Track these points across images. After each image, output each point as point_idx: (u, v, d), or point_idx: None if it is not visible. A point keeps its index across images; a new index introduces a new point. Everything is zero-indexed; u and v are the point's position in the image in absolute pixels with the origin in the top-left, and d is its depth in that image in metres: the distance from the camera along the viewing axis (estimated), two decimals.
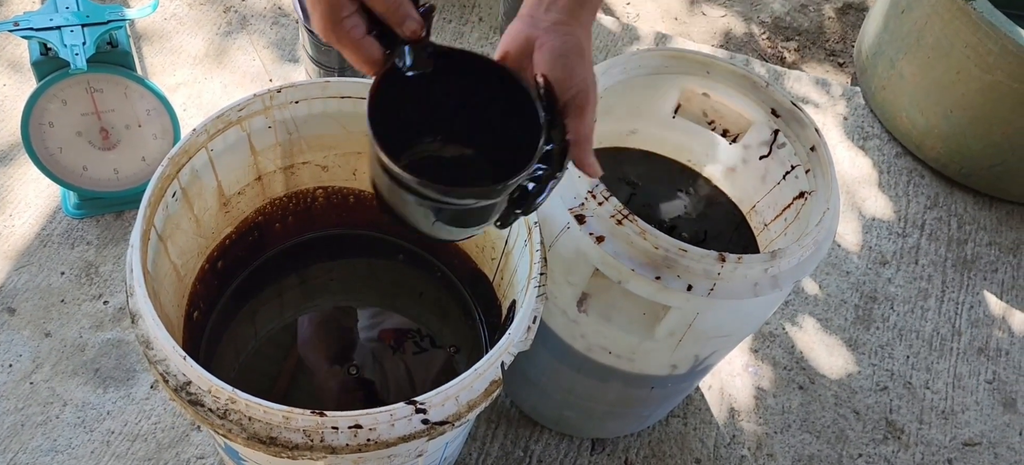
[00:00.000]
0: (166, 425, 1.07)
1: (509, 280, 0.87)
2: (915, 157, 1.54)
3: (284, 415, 0.63)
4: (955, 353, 1.30)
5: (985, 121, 1.41)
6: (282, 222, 0.95)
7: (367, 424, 0.64)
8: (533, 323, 0.73)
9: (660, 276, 0.73)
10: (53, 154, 1.13)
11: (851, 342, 1.29)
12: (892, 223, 1.44)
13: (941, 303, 1.35)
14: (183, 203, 0.79)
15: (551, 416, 1.10)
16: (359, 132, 0.89)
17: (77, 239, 1.21)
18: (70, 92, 1.08)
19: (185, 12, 1.50)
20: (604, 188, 0.76)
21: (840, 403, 1.23)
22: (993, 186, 1.48)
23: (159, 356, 0.67)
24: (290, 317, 0.96)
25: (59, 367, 1.09)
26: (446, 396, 0.67)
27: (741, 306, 0.77)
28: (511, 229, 0.84)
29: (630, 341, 0.83)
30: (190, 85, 1.40)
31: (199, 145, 0.78)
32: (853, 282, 1.36)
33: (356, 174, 0.94)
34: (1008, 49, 1.30)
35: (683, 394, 1.08)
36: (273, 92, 0.80)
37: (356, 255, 1.01)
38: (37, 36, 1.02)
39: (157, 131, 1.15)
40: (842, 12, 1.86)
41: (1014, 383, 1.28)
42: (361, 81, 0.83)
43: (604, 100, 0.87)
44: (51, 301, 1.15)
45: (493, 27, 1.58)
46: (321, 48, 1.17)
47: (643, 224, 0.73)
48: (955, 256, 1.41)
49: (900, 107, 1.52)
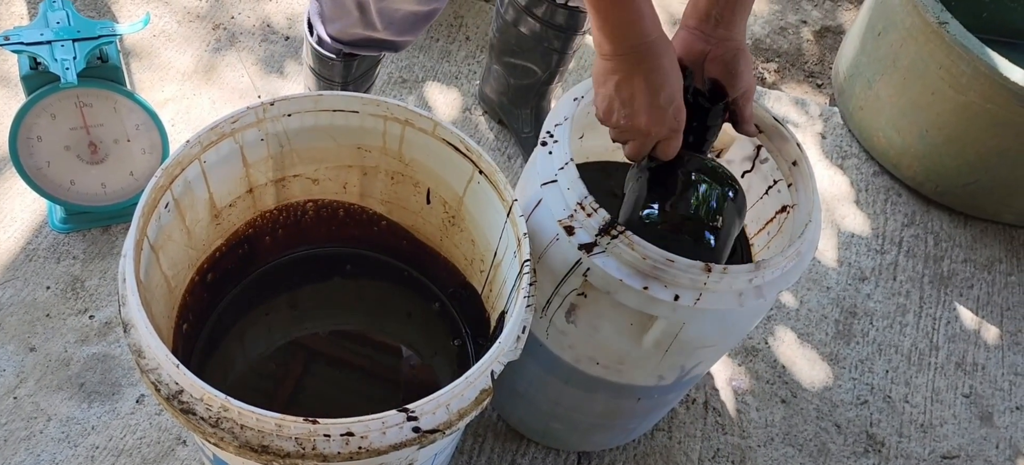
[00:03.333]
0: (151, 440, 1.06)
1: (498, 292, 0.88)
2: (892, 176, 1.57)
3: (277, 423, 0.63)
4: (933, 367, 1.33)
5: (959, 141, 1.45)
6: (272, 235, 0.96)
7: (359, 432, 0.65)
8: (523, 333, 0.74)
9: (648, 286, 0.75)
10: (41, 168, 1.13)
11: (832, 356, 1.31)
12: (870, 240, 1.47)
13: (919, 318, 1.38)
14: (175, 214, 0.80)
15: (538, 429, 1.11)
16: (350, 145, 0.90)
17: (63, 253, 1.20)
18: (59, 106, 1.08)
19: (174, 28, 1.51)
20: (593, 200, 0.77)
21: (822, 416, 1.24)
22: (968, 204, 1.52)
23: (151, 365, 0.67)
24: (279, 335, 0.97)
25: (43, 382, 1.09)
26: (437, 404, 0.67)
27: (726, 316, 0.79)
28: (499, 241, 0.85)
29: (618, 351, 0.84)
30: (179, 100, 1.41)
31: (192, 156, 0.78)
32: (833, 297, 1.38)
33: (346, 188, 0.95)
34: (980, 71, 1.34)
35: (668, 406, 1.09)
36: (266, 104, 0.81)
37: (344, 272, 1.02)
38: (27, 50, 1.03)
39: (146, 146, 1.15)
40: (820, 35, 1.90)
41: (990, 397, 1.31)
42: (353, 95, 0.85)
43: (591, 114, 0.89)
44: (36, 315, 1.14)
45: (480, 46, 1.60)
46: (324, 62, 1.19)
47: (631, 235, 0.75)
48: (932, 273, 1.44)
49: (877, 127, 1.56)
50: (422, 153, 0.89)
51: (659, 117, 0.75)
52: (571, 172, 0.79)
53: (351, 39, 1.13)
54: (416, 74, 1.54)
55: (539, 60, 1.32)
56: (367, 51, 1.17)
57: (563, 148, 0.81)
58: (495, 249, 0.87)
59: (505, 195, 0.81)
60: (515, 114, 1.42)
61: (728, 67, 0.79)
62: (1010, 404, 1.31)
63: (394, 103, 0.85)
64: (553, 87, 1.39)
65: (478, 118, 1.50)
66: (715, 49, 0.80)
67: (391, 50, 1.17)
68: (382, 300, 1.02)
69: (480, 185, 0.85)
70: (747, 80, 0.80)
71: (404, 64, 1.55)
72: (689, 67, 0.81)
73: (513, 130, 1.45)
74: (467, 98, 1.52)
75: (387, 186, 0.95)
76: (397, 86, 1.51)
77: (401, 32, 1.11)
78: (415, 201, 0.95)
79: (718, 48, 0.80)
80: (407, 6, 1.05)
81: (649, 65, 0.73)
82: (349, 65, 1.19)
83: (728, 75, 0.80)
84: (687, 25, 0.82)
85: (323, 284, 1.01)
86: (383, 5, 1.05)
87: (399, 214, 0.98)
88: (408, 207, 0.97)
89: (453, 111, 1.50)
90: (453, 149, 0.86)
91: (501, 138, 1.47)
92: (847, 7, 1.97)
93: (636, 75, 0.74)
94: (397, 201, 0.96)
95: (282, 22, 1.56)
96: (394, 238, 1.00)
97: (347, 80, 1.21)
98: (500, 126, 1.48)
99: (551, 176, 0.80)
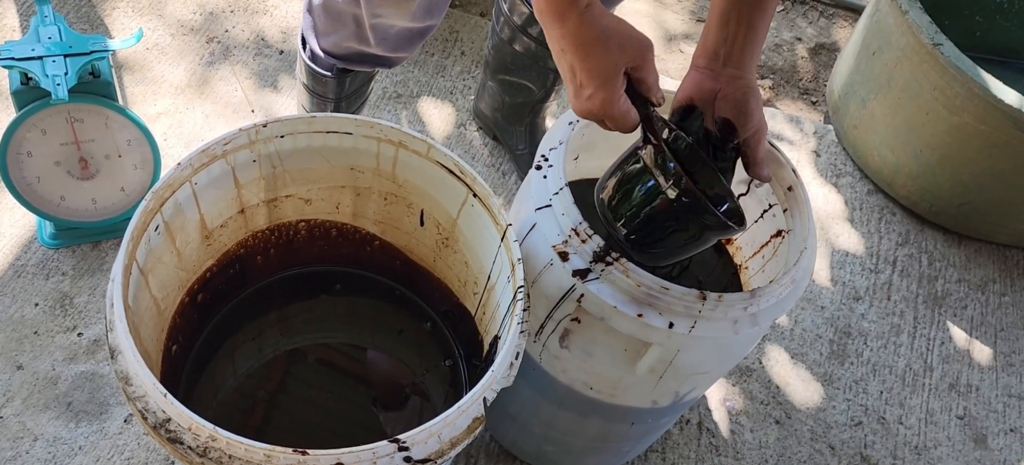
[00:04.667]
0: (139, 461, 1.05)
1: (491, 315, 0.87)
2: (886, 195, 1.57)
3: (265, 454, 0.63)
4: (927, 389, 1.33)
5: (953, 161, 1.45)
6: (264, 255, 0.95)
7: (349, 462, 0.64)
8: (516, 359, 0.74)
9: (642, 313, 0.74)
10: (30, 183, 1.12)
11: (826, 377, 1.31)
12: (865, 259, 1.47)
13: (913, 339, 1.38)
14: (165, 237, 0.79)
15: (531, 451, 1.10)
16: (343, 166, 0.89)
17: (52, 270, 1.19)
18: (50, 122, 1.07)
19: (167, 42, 1.50)
20: (587, 226, 0.77)
21: (816, 438, 1.24)
22: (961, 224, 1.52)
23: (138, 392, 0.66)
24: (269, 354, 0.96)
25: (31, 401, 1.07)
26: (429, 433, 0.67)
27: (721, 343, 0.78)
28: (493, 265, 0.85)
29: (611, 377, 0.84)
30: (171, 115, 1.40)
31: (183, 179, 0.77)
32: (828, 317, 1.38)
33: (339, 208, 0.95)
34: (974, 92, 1.35)
35: (662, 430, 1.09)
36: (259, 126, 0.81)
37: (335, 291, 1.01)
38: (18, 65, 1.02)
39: (137, 161, 1.14)
40: (815, 52, 1.91)
41: (984, 419, 1.31)
42: (347, 117, 0.84)
43: (585, 136, 0.89)
44: (24, 333, 1.13)
45: (475, 61, 1.60)
46: (318, 78, 1.18)
47: (626, 262, 0.74)
48: (926, 293, 1.44)
49: (871, 146, 1.56)
50: (416, 175, 0.88)
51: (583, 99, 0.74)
52: (566, 197, 0.78)
53: (345, 53, 1.13)
54: (410, 89, 1.53)
55: (535, 78, 1.32)
56: (361, 66, 1.16)
57: (557, 172, 0.80)
58: (489, 272, 0.86)
59: (499, 219, 0.80)
60: (510, 131, 1.42)
61: (738, 106, 0.78)
62: (1004, 426, 1.30)
63: (388, 125, 0.84)
64: (548, 105, 1.38)
65: (472, 134, 1.49)
66: (725, 88, 0.78)
67: (385, 66, 1.16)
68: (373, 319, 1.01)
69: (474, 208, 0.85)
70: (758, 119, 0.79)
71: (399, 79, 1.54)
72: (699, 107, 0.80)
73: (508, 147, 1.44)
74: (462, 114, 1.52)
75: (380, 207, 0.94)
76: (391, 101, 1.51)
77: (395, 49, 1.10)
78: (408, 222, 0.95)
79: (728, 86, 0.78)
80: (401, 22, 1.04)
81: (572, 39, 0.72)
82: (342, 81, 1.18)
83: (739, 114, 0.78)
84: (697, 65, 0.80)
85: (314, 302, 1.00)
86: (377, 21, 1.04)
87: (392, 235, 0.97)
88: (401, 228, 0.96)
89: (447, 127, 1.50)
90: (447, 172, 0.85)
91: (495, 154, 1.47)
92: (842, 25, 1.98)
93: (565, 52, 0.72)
94: (390, 222, 0.96)
95: (276, 36, 1.55)
96: (387, 258, 0.99)
97: (341, 97, 1.20)
98: (494, 142, 1.48)
99: (545, 201, 0.79)
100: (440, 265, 0.96)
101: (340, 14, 1.06)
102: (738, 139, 0.79)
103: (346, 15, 1.06)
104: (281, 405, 0.92)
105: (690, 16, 1.92)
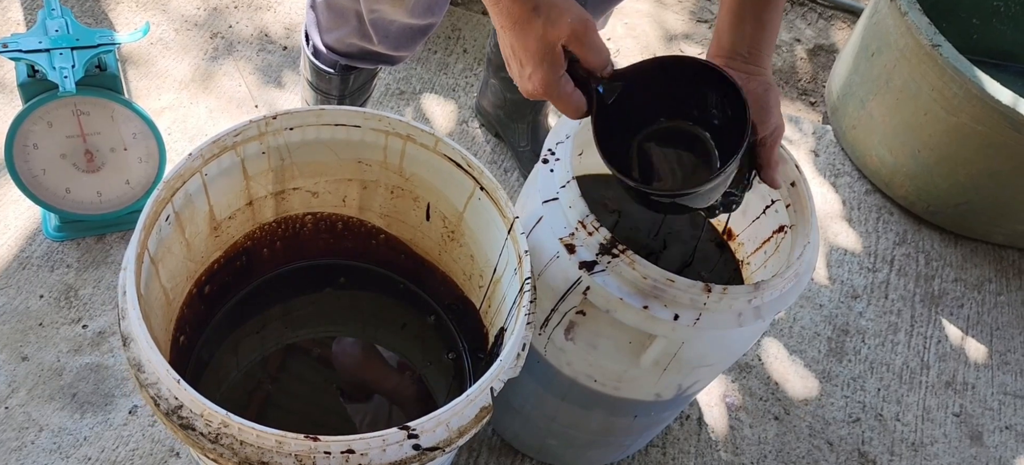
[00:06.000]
0: (144, 452, 1.06)
1: (497, 308, 0.88)
2: (884, 195, 1.59)
3: (277, 439, 0.63)
4: (924, 386, 1.34)
5: (950, 161, 1.46)
6: (270, 247, 0.96)
7: (359, 449, 0.65)
8: (523, 350, 0.74)
9: (648, 305, 0.75)
10: (36, 176, 1.12)
11: (824, 374, 1.32)
12: (862, 258, 1.48)
13: (910, 337, 1.39)
14: (176, 227, 0.79)
15: (533, 445, 1.11)
16: (350, 159, 0.90)
17: (57, 262, 1.19)
18: (56, 114, 1.07)
19: (172, 37, 1.50)
20: (594, 219, 0.78)
21: (814, 434, 1.25)
22: (959, 224, 1.54)
23: (150, 379, 0.67)
24: (272, 346, 0.96)
25: (35, 392, 1.08)
26: (438, 421, 0.67)
27: (725, 336, 0.79)
28: (499, 257, 0.86)
29: (616, 369, 0.85)
30: (175, 109, 1.40)
31: (194, 169, 0.78)
32: (826, 315, 1.39)
33: (345, 201, 0.95)
34: (972, 93, 1.36)
35: (664, 424, 1.10)
36: (269, 118, 0.81)
37: (339, 284, 1.01)
38: (26, 58, 1.02)
39: (142, 154, 1.15)
40: (813, 53, 1.92)
41: (980, 416, 1.32)
42: (355, 110, 0.85)
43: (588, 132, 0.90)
44: (29, 324, 1.13)
45: (478, 58, 1.61)
46: (321, 74, 1.18)
47: (632, 254, 0.75)
48: (923, 291, 1.46)
49: (870, 146, 1.58)
50: (423, 168, 0.89)
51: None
52: (573, 190, 0.79)
53: (348, 50, 1.13)
54: (413, 86, 1.54)
55: None
56: (364, 63, 1.17)
57: (565, 166, 0.81)
58: (495, 265, 0.87)
59: (506, 212, 0.81)
60: (512, 128, 1.43)
61: (760, 102, 0.75)
62: (999, 424, 1.32)
63: (396, 118, 0.85)
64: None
65: (475, 131, 1.50)
66: (748, 83, 0.75)
67: (388, 63, 1.17)
68: (377, 312, 1.02)
69: (481, 201, 0.85)
70: (776, 117, 0.76)
71: (401, 76, 1.55)
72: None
73: (510, 144, 1.45)
74: (464, 111, 1.52)
75: (387, 200, 0.95)
76: (394, 98, 1.52)
77: (397, 46, 1.11)
78: (414, 215, 0.95)
79: (750, 82, 0.76)
80: (401, 19, 1.05)
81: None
82: (346, 78, 1.19)
83: (760, 110, 0.75)
84: (714, 57, 0.79)
85: (319, 295, 1.01)
86: (376, 17, 1.04)
87: (398, 228, 0.98)
88: (407, 221, 0.97)
89: (450, 123, 1.51)
90: (454, 165, 0.86)
91: (497, 151, 1.48)
92: (840, 26, 1.99)
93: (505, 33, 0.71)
94: (396, 215, 0.97)
95: (280, 32, 1.56)
96: (392, 252, 1.00)
97: (344, 93, 1.21)
98: (496, 139, 1.49)
99: (552, 194, 0.80)
100: (445, 259, 0.97)
101: (342, 10, 1.07)
102: (757, 137, 0.76)
103: (348, 11, 1.06)
104: (286, 396, 0.93)
105: (690, 16, 1.94)
